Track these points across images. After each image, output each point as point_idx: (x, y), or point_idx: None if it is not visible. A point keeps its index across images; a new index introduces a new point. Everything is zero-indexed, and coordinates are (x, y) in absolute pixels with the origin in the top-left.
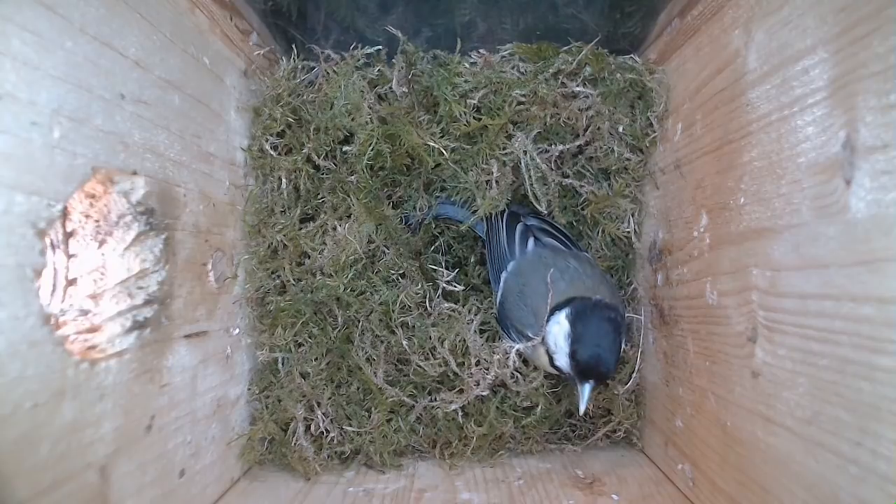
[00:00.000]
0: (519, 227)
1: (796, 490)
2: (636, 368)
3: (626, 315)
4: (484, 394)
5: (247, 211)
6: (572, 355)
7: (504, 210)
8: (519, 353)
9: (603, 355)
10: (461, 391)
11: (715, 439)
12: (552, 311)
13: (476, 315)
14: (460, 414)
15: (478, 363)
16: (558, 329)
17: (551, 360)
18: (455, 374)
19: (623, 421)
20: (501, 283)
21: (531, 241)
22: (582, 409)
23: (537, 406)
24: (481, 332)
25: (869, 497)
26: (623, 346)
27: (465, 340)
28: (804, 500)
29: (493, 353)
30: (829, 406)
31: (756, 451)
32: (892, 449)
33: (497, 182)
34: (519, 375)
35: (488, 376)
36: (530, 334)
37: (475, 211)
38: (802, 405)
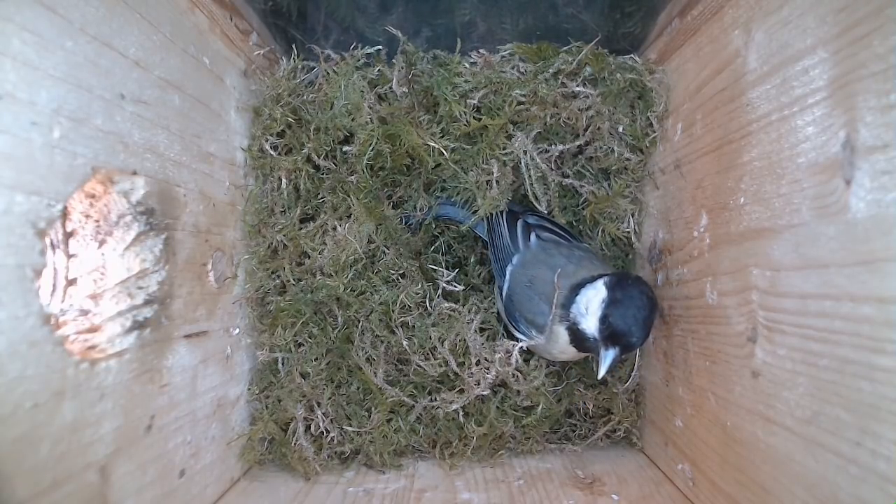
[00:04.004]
0: (520, 224)
1: (796, 490)
2: (635, 368)
3: None
4: (484, 393)
5: (247, 211)
6: (604, 318)
7: (504, 209)
8: (522, 351)
9: (635, 324)
10: (462, 391)
11: (715, 439)
12: (582, 284)
13: (476, 315)
14: (461, 414)
15: (478, 363)
16: (593, 293)
17: (574, 331)
18: (455, 374)
19: (623, 420)
20: (507, 277)
21: (533, 236)
22: (602, 373)
23: (538, 406)
24: (481, 330)
25: (869, 497)
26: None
27: (465, 340)
28: (804, 500)
29: (495, 351)
30: (829, 406)
31: (756, 451)
32: (892, 449)
33: (498, 182)
34: (519, 374)
35: (489, 375)
36: (541, 322)
37: (476, 211)
38: (802, 405)
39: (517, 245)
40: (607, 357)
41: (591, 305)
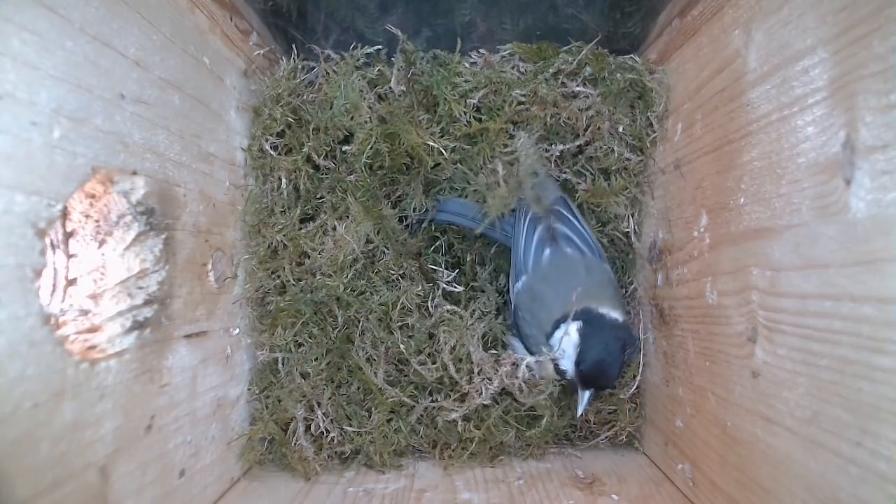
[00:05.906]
0: (538, 233)
1: (796, 490)
2: (639, 374)
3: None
4: (486, 403)
5: (247, 211)
6: (577, 364)
7: (527, 212)
8: (528, 367)
9: (606, 370)
10: (463, 399)
11: (715, 439)
12: (563, 319)
13: (480, 322)
14: (460, 422)
15: (480, 372)
16: (567, 339)
17: (556, 366)
18: (452, 379)
19: (627, 426)
20: (514, 296)
21: (547, 252)
22: (579, 412)
23: (542, 418)
24: (483, 337)
25: (869, 497)
26: (626, 362)
27: (465, 346)
28: (804, 500)
29: (500, 364)
30: (829, 406)
31: (756, 451)
32: (892, 449)
33: (505, 181)
34: (525, 386)
35: (491, 386)
36: (544, 350)
37: (485, 213)
38: (802, 405)
39: (527, 265)
40: (584, 397)
41: (567, 348)
